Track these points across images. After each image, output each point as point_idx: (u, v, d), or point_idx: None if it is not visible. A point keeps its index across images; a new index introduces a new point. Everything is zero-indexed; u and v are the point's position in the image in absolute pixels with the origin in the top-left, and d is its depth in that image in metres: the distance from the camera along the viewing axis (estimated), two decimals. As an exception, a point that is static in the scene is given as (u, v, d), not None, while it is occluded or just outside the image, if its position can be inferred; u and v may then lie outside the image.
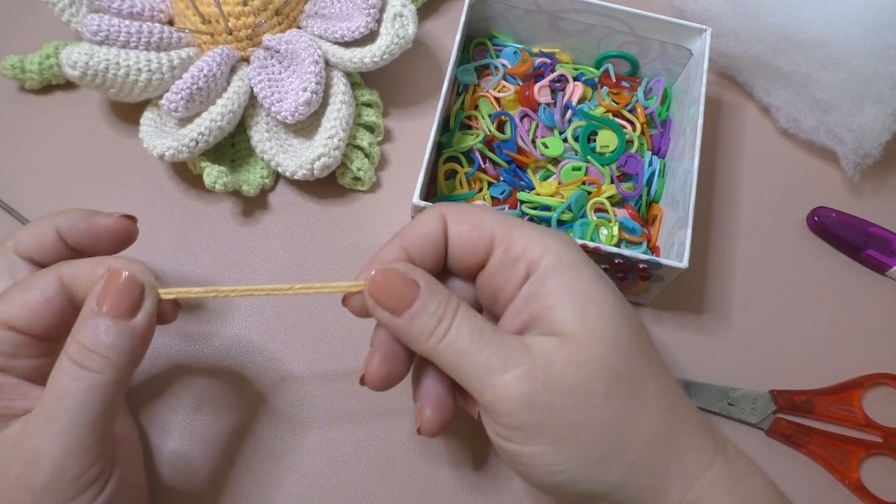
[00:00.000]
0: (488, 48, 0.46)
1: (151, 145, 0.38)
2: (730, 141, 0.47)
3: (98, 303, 0.26)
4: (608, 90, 0.45)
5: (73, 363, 0.25)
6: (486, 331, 0.27)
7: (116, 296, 0.26)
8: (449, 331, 0.26)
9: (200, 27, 0.41)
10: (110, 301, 0.26)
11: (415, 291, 0.27)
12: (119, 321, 0.26)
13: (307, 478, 0.36)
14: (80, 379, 0.25)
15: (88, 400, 0.25)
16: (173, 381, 0.37)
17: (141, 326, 0.26)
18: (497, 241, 0.28)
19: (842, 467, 0.38)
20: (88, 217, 0.30)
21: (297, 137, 0.42)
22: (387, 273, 0.27)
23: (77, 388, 0.25)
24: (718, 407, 0.38)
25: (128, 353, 0.26)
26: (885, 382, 0.40)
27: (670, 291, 0.41)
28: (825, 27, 0.42)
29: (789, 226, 0.45)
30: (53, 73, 0.43)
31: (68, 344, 0.26)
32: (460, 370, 0.26)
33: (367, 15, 0.41)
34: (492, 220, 0.29)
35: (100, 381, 0.25)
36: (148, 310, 0.27)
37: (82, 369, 0.25)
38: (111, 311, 0.26)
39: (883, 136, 0.43)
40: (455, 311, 0.27)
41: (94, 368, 0.25)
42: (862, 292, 0.43)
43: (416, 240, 0.29)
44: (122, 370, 0.26)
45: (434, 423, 0.28)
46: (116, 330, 0.26)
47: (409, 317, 0.27)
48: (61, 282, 0.28)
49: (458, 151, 0.42)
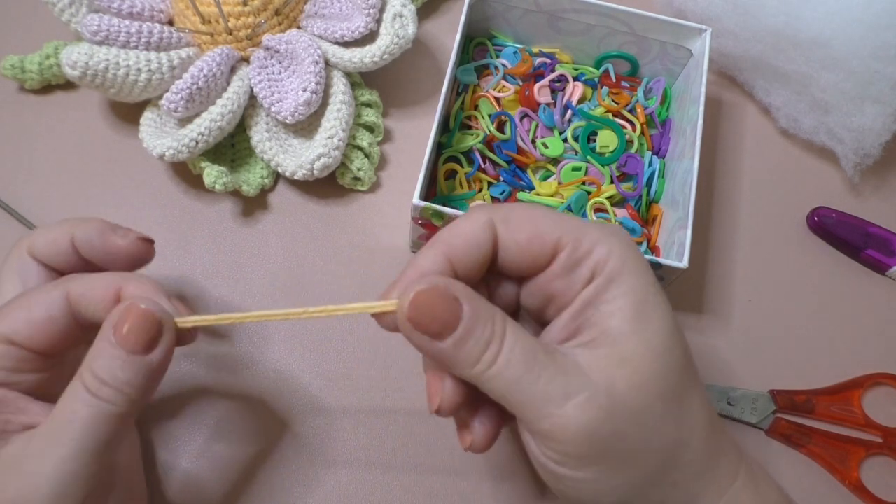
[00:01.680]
0: (488, 48, 0.46)
1: (151, 145, 0.38)
2: (730, 141, 0.47)
3: (115, 335, 0.25)
4: (608, 90, 0.45)
5: (86, 391, 0.25)
6: (538, 352, 0.24)
7: (134, 332, 0.25)
8: (499, 357, 0.24)
9: (200, 27, 0.41)
10: (128, 336, 0.25)
11: (459, 313, 0.24)
12: (136, 357, 0.25)
13: (307, 477, 0.36)
14: (92, 406, 0.25)
15: (98, 428, 0.25)
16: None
17: (157, 362, 0.26)
18: (561, 245, 0.26)
19: (842, 467, 0.38)
20: (105, 233, 0.30)
21: (297, 137, 0.42)
22: (429, 293, 0.24)
23: (88, 415, 0.25)
24: (718, 407, 0.38)
25: (142, 388, 0.26)
26: (885, 382, 0.40)
27: (670, 291, 0.41)
28: (825, 27, 0.42)
29: (789, 226, 0.45)
30: (53, 73, 0.43)
31: (83, 371, 0.26)
32: (512, 397, 0.24)
33: (367, 15, 0.41)
34: (551, 223, 0.26)
35: (112, 411, 0.25)
36: (165, 345, 0.26)
37: (95, 398, 0.25)
38: (128, 347, 0.25)
39: (883, 136, 0.43)
40: (503, 332, 0.24)
41: (108, 399, 0.25)
42: (862, 292, 0.43)
43: (462, 249, 0.26)
44: (136, 403, 0.26)
45: (485, 439, 0.27)
46: (132, 366, 0.25)
47: (452, 343, 0.24)
48: (68, 300, 0.27)
49: (458, 151, 0.42)
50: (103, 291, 0.27)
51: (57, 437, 0.25)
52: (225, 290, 0.40)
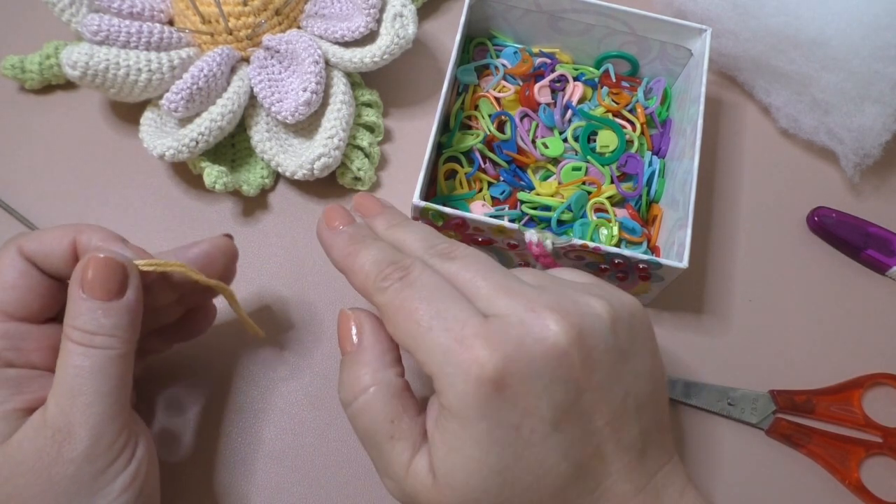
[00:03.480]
0: (488, 48, 0.46)
1: (151, 145, 0.38)
2: (730, 141, 0.47)
3: (85, 290, 0.27)
4: (608, 90, 0.45)
5: (80, 346, 0.26)
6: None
7: (101, 279, 0.27)
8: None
9: (200, 27, 0.41)
10: (97, 286, 0.27)
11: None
12: (113, 303, 0.27)
13: (307, 477, 0.36)
14: (92, 356, 0.27)
15: (106, 372, 0.27)
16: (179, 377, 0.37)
17: (134, 300, 0.28)
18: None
19: (842, 467, 0.38)
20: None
21: (297, 137, 0.42)
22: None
23: (92, 363, 0.27)
24: (718, 407, 0.38)
25: (129, 326, 0.28)
26: (885, 382, 0.40)
27: (670, 291, 0.41)
28: (825, 27, 0.42)
29: (789, 226, 0.45)
30: (53, 73, 0.43)
31: (68, 332, 0.27)
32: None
33: (367, 15, 0.41)
34: (401, 335, 0.27)
35: (111, 355, 0.27)
36: (135, 284, 0.28)
37: (92, 349, 0.26)
38: (104, 296, 0.27)
39: (883, 136, 0.43)
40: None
41: (103, 346, 0.27)
42: (862, 292, 0.43)
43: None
44: (129, 341, 0.28)
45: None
46: (112, 310, 0.27)
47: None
48: (22, 255, 0.28)
49: (458, 151, 0.42)
50: (57, 243, 0.29)
51: (73, 388, 0.26)
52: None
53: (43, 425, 0.26)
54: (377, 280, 0.27)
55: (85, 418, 0.26)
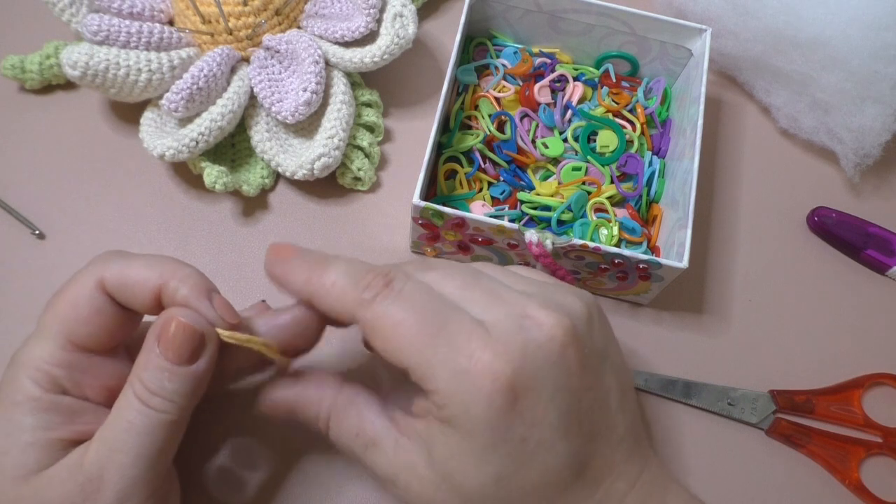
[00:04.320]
0: (488, 48, 0.46)
1: (151, 145, 0.38)
2: (730, 141, 0.47)
3: (160, 346, 0.26)
4: (608, 90, 0.45)
5: (138, 400, 0.26)
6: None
7: (177, 344, 0.26)
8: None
9: (200, 27, 0.41)
10: (172, 350, 0.26)
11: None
12: (181, 368, 0.26)
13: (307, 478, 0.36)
14: (144, 416, 0.26)
15: (153, 436, 0.26)
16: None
17: (203, 371, 0.27)
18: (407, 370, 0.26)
19: (842, 467, 0.38)
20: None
21: (297, 137, 0.42)
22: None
23: (143, 423, 0.26)
24: (718, 407, 0.38)
25: (190, 395, 0.27)
26: (885, 382, 0.40)
27: (670, 291, 0.41)
28: (825, 27, 0.42)
29: (789, 226, 0.45)
30: (53, 73, 0.43)
31: (133, 379, 0.26)
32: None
33: (367, 15, 0.41)
34: (406, 343, 0.26)
35: (164, 419, 0.26)
36: (209, 355, 0.27)
37: (147, 407, 0.26)
38: (173, 359, 0.26)
39: (883, 136, 0.43)
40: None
41: (159, 408, 0.26)
42: (862, 292, 0.43)
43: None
44: (185, 409, 0.27)
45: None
46: (179, 376, 0.26)
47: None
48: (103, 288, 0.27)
49: (458, 151, 0.42)
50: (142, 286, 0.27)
51: (117, 444, 0.26)
52: (225, 290, 0.39)
53: (78, 469, 0.26)
54: (358, 292, 0.26)
55: (117, 478, 0.25)
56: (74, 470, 0.26)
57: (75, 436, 0.27)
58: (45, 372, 0.27)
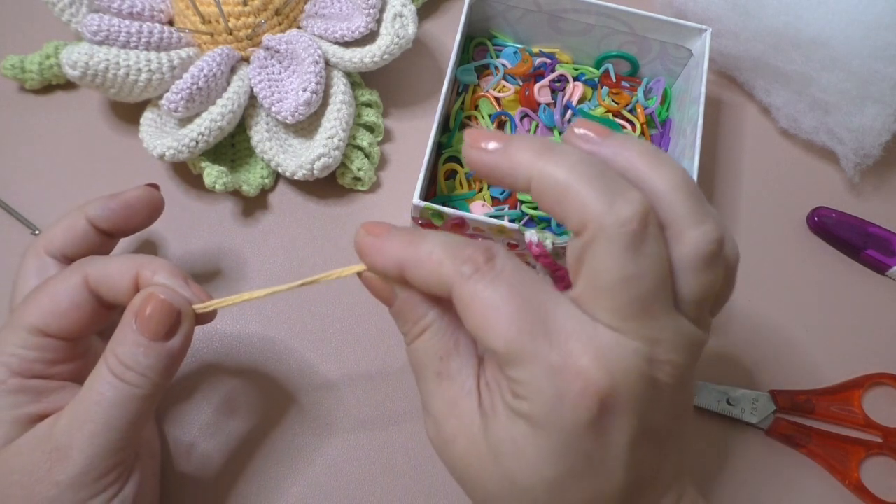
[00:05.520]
0: (488, 48, 0.46)
1: (151, 145, 0.38)
2: (730, 141, 0.47)
3: (137, 322, 0.27)
4: (608, 90, 0.45)
5: (112, 374, 0.27)
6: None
7: (154, 320, 0.27)
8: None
9: (200, 27, 0.41)
10: (149, 325, 0.27)
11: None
12: (157, 343, 0.27)
13: (311, 481, 0.36)
14: (117, 389, 0.27)
15: (124, 407, 0.27)
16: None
17: (178, 347, 0.28)
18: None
19: (842, 467, 0.38)
20: (113, 197, 0.32)
21: (297, 137, 0.42)
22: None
23: (115, 395, 0.26)
24: (718, 407, 0.38)
25: (164, 371, 0.27)
26: (885, 382, 0.40)
27: (670, 291, 0.41)
28: (825, 27, 0.42)
29: (789, 226, 0.45)
30: (53, 73, 0.43)
31: (108, 354, 0.27)
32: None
33: (367, 15, 0.41)
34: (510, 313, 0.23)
35: (137, 393, 0.27)
36: (184, 331, 0.28)
37: (121, 381, 0.27)
38: (150, 335, 0.27)
39: (883, 136, 0.43)
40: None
41: (133, 383, 0.27)
42: (862, 292, 0.43)
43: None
44: (159, 385, 0.28)
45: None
46: (154, 352, 0.27)
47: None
48: (87, 284, 0.28)
49: (458, 151, 0.42)
50: (121, 276, 0.28)
51: (87, 413, 0.26)
52: (225, 290, 0.40)
53: (47, 439, 0.26)
54: (457, 265, 0.24)
55: (85, 446, 0.26)
56: (43, 439, 0.26)
57: (45, 411, 0.28)
58: (15, 356, 0.28)
